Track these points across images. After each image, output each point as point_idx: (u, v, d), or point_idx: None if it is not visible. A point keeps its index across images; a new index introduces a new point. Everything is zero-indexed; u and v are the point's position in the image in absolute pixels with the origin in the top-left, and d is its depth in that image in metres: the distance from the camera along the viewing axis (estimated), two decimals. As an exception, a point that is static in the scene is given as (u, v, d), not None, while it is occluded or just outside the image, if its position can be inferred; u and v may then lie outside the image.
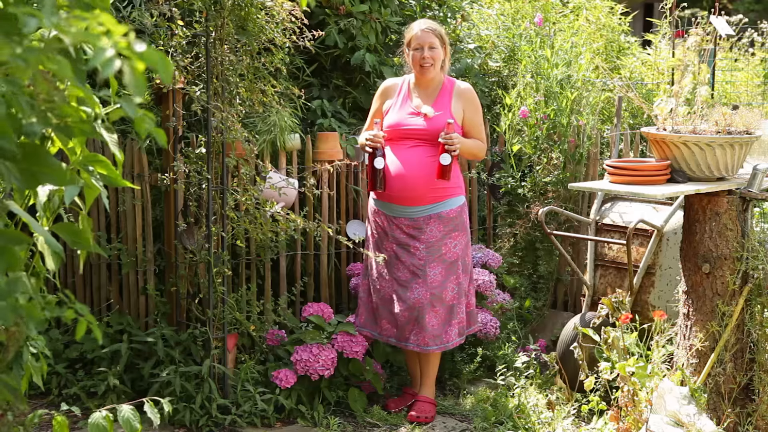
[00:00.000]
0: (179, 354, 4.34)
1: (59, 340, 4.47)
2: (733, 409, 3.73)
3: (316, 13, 5.27)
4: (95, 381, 4.35)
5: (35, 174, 1.45)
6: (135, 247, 4.63)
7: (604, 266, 4.74)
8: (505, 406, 4.41)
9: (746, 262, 3.70)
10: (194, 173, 4.22)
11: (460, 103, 4.35)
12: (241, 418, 4.24)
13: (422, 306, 4.28)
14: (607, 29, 6.86)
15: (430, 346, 4.32)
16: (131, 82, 1.27)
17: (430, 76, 4.34)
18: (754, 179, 3.70)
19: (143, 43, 1.28)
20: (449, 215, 4.31)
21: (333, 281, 5.09)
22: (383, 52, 5.52)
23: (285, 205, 4.55)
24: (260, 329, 4.57)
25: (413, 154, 4.28)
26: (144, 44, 1.28)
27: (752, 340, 3.76)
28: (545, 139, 5.37)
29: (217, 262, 4.24)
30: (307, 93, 5.28)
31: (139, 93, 1.28)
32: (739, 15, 5.56)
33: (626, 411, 3.62)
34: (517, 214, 5.44)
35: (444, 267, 4.31)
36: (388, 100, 4.44)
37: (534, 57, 5.53)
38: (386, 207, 4.37)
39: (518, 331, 5.09)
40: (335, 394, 4.48)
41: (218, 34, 4.09)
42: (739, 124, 3.73)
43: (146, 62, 1.29)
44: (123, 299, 4.71)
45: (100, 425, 2.11)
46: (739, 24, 5.33)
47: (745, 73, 6.89)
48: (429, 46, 4.30)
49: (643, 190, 3.65)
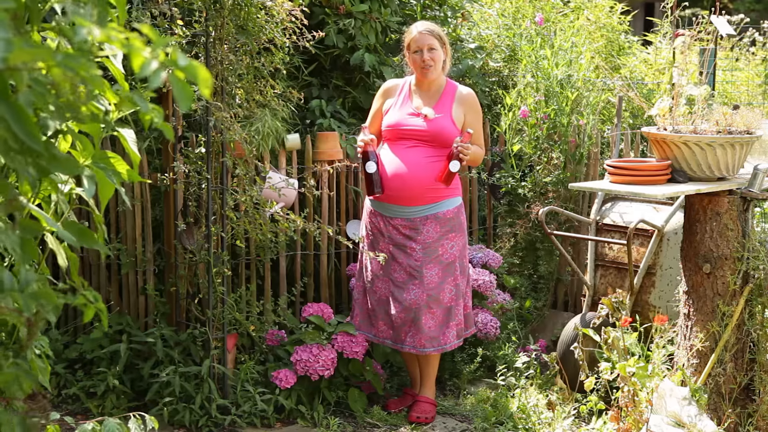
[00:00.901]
0: (179, 354, 4.34)
1: (58, 341, 4.46)
2: (734, 409, 3.72)
3: (316, 12, 5.26)
4: (95, 381, 4.35)
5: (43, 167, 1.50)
6: (134, 247, 4.63)
7: (605, 266, 4.73)
8: (506, 406, 4.40)
9: (747, 262, 3.69)
10: (194, 173, 4.21)
11: (461, 108, 4.35)
12: (240, 418, 4.24)
13: (419, 307, 4.27)
14: (607, 28, 6.85)
15: (426, 348, 4.31)
16: (178, 93, 1.37)
17: (431, 78, 4.33)
18: (755, 179, 3.69)
19: (185, 57, 1.38)
20: (446, 216, 4.30)
21: (333, 281, 5.08)
22: (383, 52, 5.51)
23: (285, 206, 4.54)
24: (260, 329, 4.57)
25: (411, 155, 4.27)
26: (185, 58, 1.38)
27: (753, 340, 3.75)
28: (545, 139, 5.36)
29: (216, 262, 4.23)
30: (307, 93, 5.27)
31: (185, 103, 1.37)
32: (740, 15, 5.56)
33: (626, 411, 3.61)
34: (518, 214, 5.43)
35: (441, 268, 4.30)
36: (388, 100, 4.43)
37: (534, 57, 5.52)
38: (383, 207, 4.35)
39: (518, 332, 5.08)
40: (335, 394, 4.48)
41: (218, 34, 4.09)
42: (740, 123, 3.73)
43: (187, 74, 1.37)
44: (122, 299, 4.70)
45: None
46: (740, 23, 5.32)
47: (745, 73, 6.89)
48: (428, 47, 4.29)
49: (644, 190, 3.64)
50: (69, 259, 1.91)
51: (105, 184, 1.84)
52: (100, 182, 1.84)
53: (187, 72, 1.37)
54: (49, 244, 1.88)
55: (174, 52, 1.37)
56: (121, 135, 1.89)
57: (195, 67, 1.37)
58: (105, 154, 1.87)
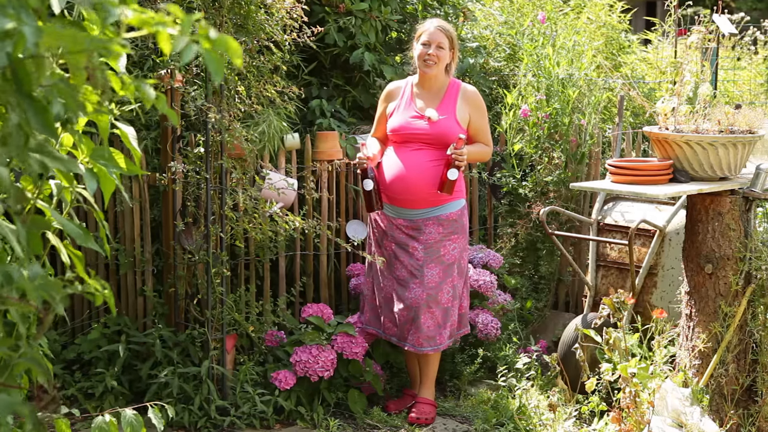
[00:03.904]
0: (177, 355, 4.32)
1: (57, 341, 4.44)
2: (736, 410, 3.70)
3: (316, 11, 5.23)
4: (93, 382, 4.33)
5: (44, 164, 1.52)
6: (133, 247, 4.61)
7: (606, 267, 4.71)
8: (506, 407, 4.38)
9: (749, 262, 3.67)
10: (193, 173, 4.19)
11: (466, 108, 4.33)
12: (240, 419, 4.22)
13: (419, 306, 4.26)
14: (607, 27, 6.83)
15: (424, 347, 4.31)
16: (211, 65, 1.40)
17: (432, 74, 4.31)
18: (757, 179, 3.67)
19: (215, 30, 1.41)
20: (449, 218, 4.30)
21: (332, 282, 5.06)
22: (383, 50, 5.48)
23: (284, 205, 4.52)
24: (259, 330, 4.55)
25: (416, 157, 4.26)
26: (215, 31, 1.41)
27: (755, 340, 3.73)
28: (546, 139, 5.34)
29: (215, 263, 4.21)
30: (306, 92, 5.25)
31: (218, 74, 1.39)
32: (741, 13, 5.53)
33: (628, 412, 3.59)
34: (518, 214, 5.41)
35: (441, 269, 4.29)
36: (391, 103, 4.43)
37: (536, 55, 5.50)
38: (386, 207, 4.36)
39: (519, 332, 5.06)
40: (335, 395, 4.46)
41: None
42: (742, 123, 3.71)
43: (219, 47, 1.40)
44: (121, 300, 4.68)
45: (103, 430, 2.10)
46: (740, 22, 5.30)
47: (747, 72, 6.87)
48: (437, 45, 4.28)
49: (646, 190, 3.62)
50: (74, 255, 1.92)
51: (106, 179, 1.84)
52: (102, 178, 1.83)
53: (217, 45, 1.39)
54: (51, 241, 1.88)
55: (204, 28, 1.40)
56: (122, 131, 1.89)
57: (225, 39, 1.40)
58: (105, 149, 1.86)
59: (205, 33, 1.39)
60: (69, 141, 1.87)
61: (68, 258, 1.92)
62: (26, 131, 1.37)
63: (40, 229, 1.68)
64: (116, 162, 1.85)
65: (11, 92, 1.33)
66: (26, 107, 1.35)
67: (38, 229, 1.67)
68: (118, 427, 2.11)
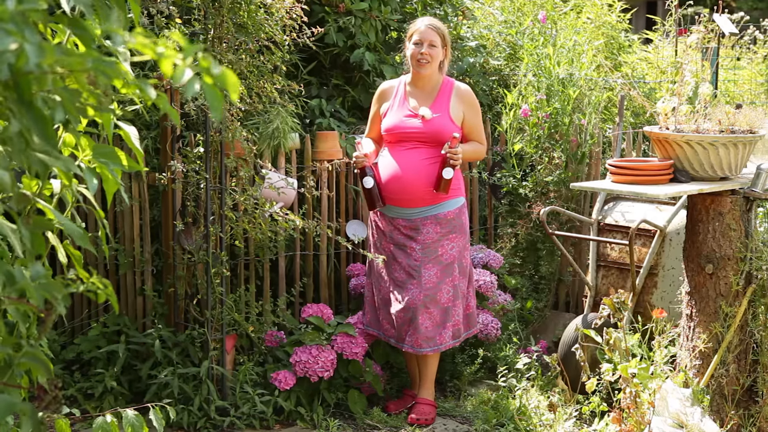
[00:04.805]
0: (177, 355, 4.31)
1: (56, 341, 4.43)
2: (737, 410, 3.69)
3: (316, 10, 5.23)
4: (92, 383, 4.32)
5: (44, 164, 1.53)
6: (132, 247, 4.60)
7: (607, 267, 4.71)
8: (507, 407, 4.38)
9: (750, 262, 3.67)
10: (192, 173, 4.18)
11: (460, 106, 4.32)
12: (239, 420, 4.21)
13: (416, 307, 4.25)
14: (607, 27, 6.83)
15: (423, 348, 4.30)
16: (212, 101, 1.39)
17: (425, 73, 4.30)
18: (758, 179, 3.67)
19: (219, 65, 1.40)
20: (447, 217, 4.29)
21: (332, 282, 5.05)
22: (383, 50, 5.48)
23: (284, 205, 4.51)
24: (259, 330, 4.54)
25: (411, 156, 4.26)
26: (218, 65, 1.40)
27: (756, 341, 3.72)
28: (547, 139, 5.33)
29: (215, 263, 4.20)
30: (306, 92, 5.24)
31: (217, 112, 1.39)
32: (741, 13, 5.52)
33: (628, 413, 3.58)
34: (519, 214, 5.40)
35: (440, 269, 4.28)
36: (385, 103, 4.42)
37: (536, 55, 5.49)
38: (385, 207, 4.35)
39: (519, 333, 5.05)
40: (335, 395, 4.45)
41: (217, 33, 4.06)
42: (743, 123, 3.70)
43: (221, 83, 1.39)
44: (120, 300, 4.67)
45: (105, 430, 2.09)
46: (740, 21, 5.29)
47: (748, 72, 6.86)
48: (429, 43, 4.27)
49: (646, 190, 3.61)
50: (72, 254, 1.93)
51: (109, 180, 1.84)
52: (105, 178, 1.84)
53: (218, 80, 1.39)
54: (50, 241, 1.89)
55: (205, 60, 1.39)
56: (124, 131, 1.90)
57: (226, 75, 1.39)
58: (108, 145, 1.87)
59: (208, 67, 1.38)
60: (71, 140, 1.88)
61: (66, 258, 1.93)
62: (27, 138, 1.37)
63: (41, 229, 1.69)
64: (118, 158, 1.85)
65: (12, 100, 1.33)
66: (27, 116, 1.35)
67: (40, 229, 1.68)
68: (119, 428, 2.11)
